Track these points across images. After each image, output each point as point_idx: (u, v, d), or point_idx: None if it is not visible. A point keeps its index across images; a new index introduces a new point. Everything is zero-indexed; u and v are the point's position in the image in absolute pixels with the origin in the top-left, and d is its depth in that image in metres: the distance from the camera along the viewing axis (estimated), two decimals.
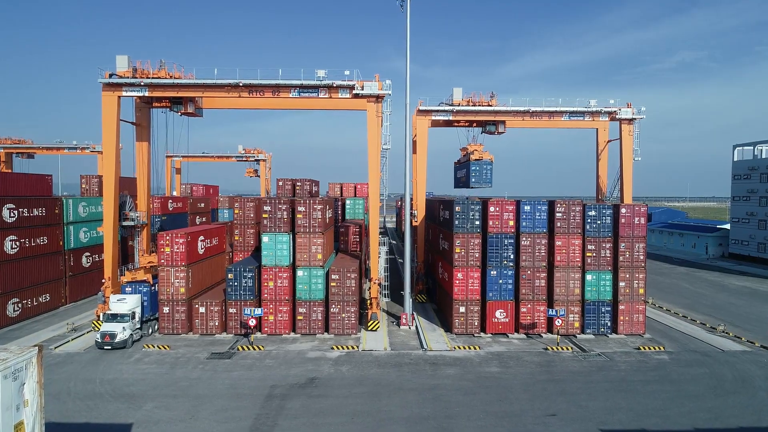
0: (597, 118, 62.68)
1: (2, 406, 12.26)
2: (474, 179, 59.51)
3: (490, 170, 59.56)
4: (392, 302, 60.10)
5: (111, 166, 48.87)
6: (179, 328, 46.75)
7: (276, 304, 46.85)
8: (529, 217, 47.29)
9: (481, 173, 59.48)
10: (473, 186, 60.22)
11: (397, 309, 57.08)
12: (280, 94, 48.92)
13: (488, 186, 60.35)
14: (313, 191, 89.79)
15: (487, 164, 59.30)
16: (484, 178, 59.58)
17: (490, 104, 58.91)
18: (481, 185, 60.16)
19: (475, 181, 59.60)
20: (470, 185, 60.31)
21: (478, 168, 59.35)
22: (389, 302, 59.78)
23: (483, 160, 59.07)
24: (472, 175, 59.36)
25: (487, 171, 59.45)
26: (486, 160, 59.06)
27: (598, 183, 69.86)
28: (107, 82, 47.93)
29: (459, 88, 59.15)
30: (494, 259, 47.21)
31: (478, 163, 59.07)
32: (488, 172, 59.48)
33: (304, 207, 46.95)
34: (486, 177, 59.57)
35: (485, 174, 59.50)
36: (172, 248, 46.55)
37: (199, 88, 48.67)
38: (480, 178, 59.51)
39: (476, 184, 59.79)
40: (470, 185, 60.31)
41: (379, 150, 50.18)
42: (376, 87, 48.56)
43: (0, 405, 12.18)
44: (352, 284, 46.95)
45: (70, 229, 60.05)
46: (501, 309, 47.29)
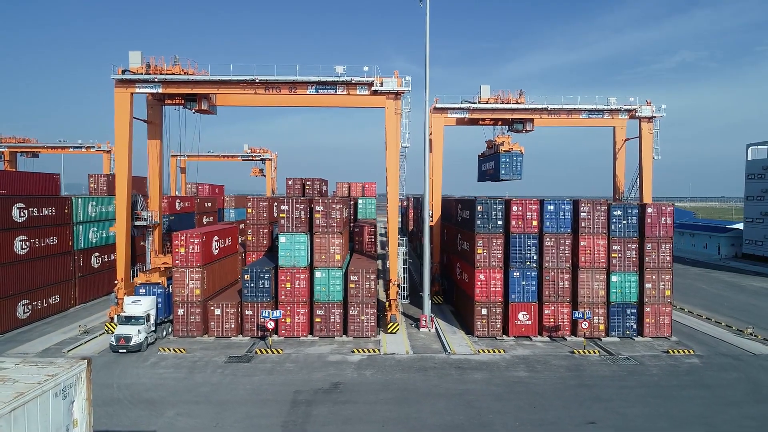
0: (616, 116, 61.50)
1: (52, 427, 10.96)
2: (504, 171, 58.43)
3: (520, 162, 58.50)
4: (408, 304, 58.95)
5: (124, 164, 47.70)
6: (194, 330, 45.59)
7: (293, 306, 45.69)
8: (553, 217, 46.14)
9: (511, 165, 58.40)
10: (503, 178, 59.22)
11: (413, 311, 55.94)
12: (296, 90, 47.75)
13: (518, 178, 59.31)
14: (322, 190, 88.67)
15: (518, 156, 58.22)
16: (515, 170, 58.49)
17: (519, 102, 57.74)
18: (511, 177, 59.06)
19: (505, 173, 58.52)
20: (500, 177, 59.25)
21: (508, 160, 58.26)
22: (405, 304, 58.63)
23: (513, 152, 57.96)
24: (502, 166, 58.28)
25: (518, 163, 58.38)
26: (516, 152, 57.99)
27: (615, 182, 68.66)
28: (120, 79, 46.78)
29: (486, 86, 57.96)
30: (517, 260, 46.06)
31: (508, 154, 57.97)
32: (518, 164, 58.41)
33: (322, 206, 45.80)
34: (516, 169, 58.48)
35: (515, 166, 58.43)
36: (187, 249, 45.38)
37: (214, 85, 47.50)
38: (510, 170, 58.44)
39: (506, 176, 58.72)
40: (500, 177, 59.25)
41: (398, 148, 49.03)
42: (395, 83, 47.40)
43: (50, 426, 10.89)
44: (372, 286, 45.79)
45: (80, 228, 58.89)
46: (524, 311, 46.13)
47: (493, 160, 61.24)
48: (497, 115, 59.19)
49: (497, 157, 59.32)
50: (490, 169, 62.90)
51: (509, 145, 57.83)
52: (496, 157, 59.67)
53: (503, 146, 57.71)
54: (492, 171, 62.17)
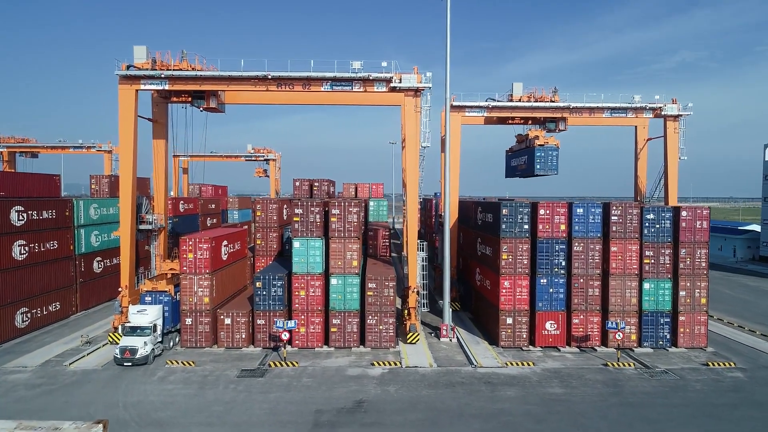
0: (640, 114, 59.10)
1: None
2: (539, 166, 56.03)
3: (556, 156, 56.10)
4: (425, 311, 56.42)
5: (128, 165, 45.18)
6: (203, 341, 43.08)
7: (308, 315, 43.19)
8: (582, 221, 43.66)
9: (546, 159, 56.00)
10: (538, 173, 56.89)
11: (429, 318, 53.42)
12: (311, 87, 45.21)
13: (554, 173, 56.94)
14: (330, 192, 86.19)
15: (553, 150, 55.82)
16: (550, 164, 56.10)
17: (553, 100, 55.32)
18: (546, 172, 56.66)
19: (540, 168, 56.12)
20: (534, 173, 56.86)
21: (543, 154, 55.83)
22: (422, 312, 56.10)
23: (548, 146, 55.53)
24: (537, 161, 55.89)
25: (553, 157, 55.98)
26: (551, 146, 55.56)
27: (636, 183, 66.27)
28: (124, 75, 44.23)
29: (519, 83, 55.59)
30: (544, 266, 43.58)
31: (543, 148, 55.55)
32: (554, 158, 56.01)
33: (338, 210, 43.30)
34: (552, 163, 56.08)
35: (551, 160, 56.03)
36: (195, 254, 42.87)
37: (224, 81, 44.97)
38: (546, 164, 56.05)
39: (541, 170, 56.33)
40: (534, 173, 56.86)
41: (417, 148, 46.56)
42: (414, 79, 44.88)
43: None
44: (390, 293, 43.29)
45: (81, 232, 56.36)
46: (551, 320, 43.64)
47: (526, 155, 58.87)
48: (525, 114, 56.70)
49: (531, 152, 57.04)
50: (522, 164, 60.48)
51: (544, 138, 55.42)
52: (530, 151, 57.39)
53: (538, 140, 55.33)
54: (524, 166, 59.78)
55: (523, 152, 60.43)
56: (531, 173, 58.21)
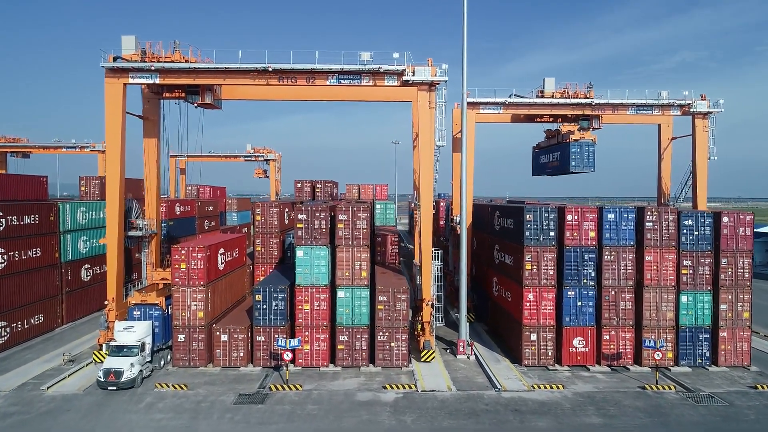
0: (667, 111, 55.10)
1: None
2: (575, 162, 52.28)
3: (592, 152, 52.37)
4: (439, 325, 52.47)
5: (115, 165, 41.26)
6: (197, 359, 39.18)
7: (312, 331, 39.31)
8: (614, 227, 39.79)
9: (582, 156, 52.23)
10: (573, 170, 53.13)
11: (443, 331, 49.37)
12: (315, 81, 41.27)
13: (590, 170, 53.23)
14: (334, 194, 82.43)
15: (589, 145, 52.05)
16: (586, 161, 52.36)
17: (588, 96, 51.38)
18: (582, 169, 52.95)
19: (575, 165, 52.39)
20: (570, 170, 53.13)
21: (579, 150, 52.04)
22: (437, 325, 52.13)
23: (584, 141, 51.78)
24: (572, 157, 52.14)
25: (590, 153, 52.25)
26: (587, 141, 51.79)
27: (660, 185, 62.24)
28: (111, 67, 40.29)
29: (551, 78, 51.59)
30: (572, 278, 39.70)
31: (578, 144, 51.77)
32: (590, 154, 52.29)
33: (346, 215, 39.40)
34: (588, 160, 52.34)
35: (587, 156, 52.29)
36: (189, 264, 38.97)
37: (220, 74, 41.04)
38: (581, 161, 52.29)
39: (577, 167, 52.60)
40: (570, 170, 53.13)
41: (431, 147, 42.62)
42: (428, 72, 40.94)
43: None
44: (403, 307, 39.40)
45: (68, 238, 52.43)
46: (580, 336, 39.77)
47: (559, 151, 55.05)
48: (554, 111, 52.68)
49: (565, 148, 53.27)
50: (554, 161, 56.59)
51: (579, 133, 51.59)
52: (563, 147, 53.64)
53: (573, 135, 51.54)
54: (556, 163, 55.93)
55: (554, 148, 56.64)
56: (564, 170, 54.47)
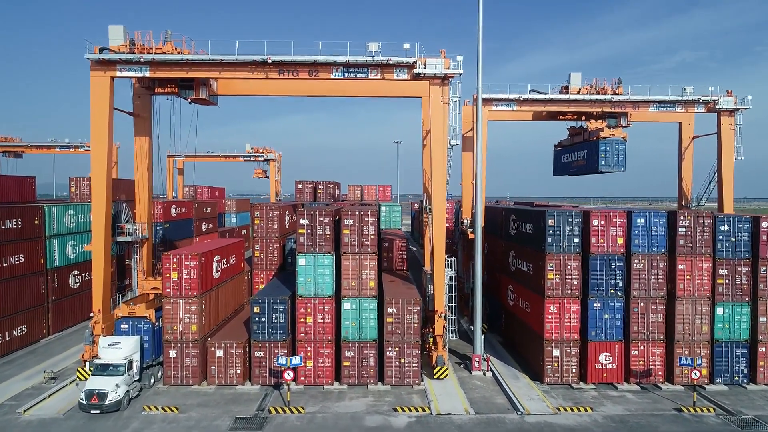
0: (691, 108, 51.78)
1: None
2: (604, 161, 49.12)
3: (623, 150, 49.19)
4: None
5: (101, 165, 38.01)
6: (190, 377, 35.98)
7: (315, 346, 36.12)
8: (643, 233, 36.61)
9: (612, 154, 49.04)
10: (602, 170, 49.91)
11: (454, 343, 46.11)
12: (318, 74, 38.04)
13: (621, 170, 50.02)
14: (336, 195, 79.09)
15: (620, 143, 48.87)
16: (616, 160, 49.19)
17: (616, 92, 48.12)
18: (612, 169, 49.76)
19: (605, 164, 49.17)
20: (598, 169, 49.91)
21: (608, 148, 48.84)
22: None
23: (614, 138, 48.59)
24: (601, 156, 48.96)
25: (620, 151, 49.08)
26: (618, 138, 48.59)
27: (680, 186, 58.99)
28: (97, 59, 37.11)
29: (578, 74, 48.34)
30: (598, 288, 36.53)
31: (608, 141, 48.57)
32: (621, 152, 49.12)
33: (353, 220, 36.22)
34: (619, 159, 49.18)
35: (617, 155, 49.12)
36: (181, 273, 35.78)
37: (216, 67, 37.80)
38: (611, 160, 49.12)
39: (606, 167, 49.40)
40: (598, 169, 49.91)
41: (445, 146, 39.44)
42: (441, 65, 37.73)
43: None
44: (415, 320, 36.24)
45: (54, 243, 49.20)
46: (606, 352, 36.59)
47: (585, 149, 51.85)
48: (578, 108, 49.43)
49: (593, 146, 50.16)
50: (580, 160, 53.36)
51: (609, 131, 48.40)
52: (591, 145, 50.51)
53: (602, 132, 48.36)
54: (583, 162, 52.71)
55: (580, 147, 53.47)
56: (592, 170, 51.43)
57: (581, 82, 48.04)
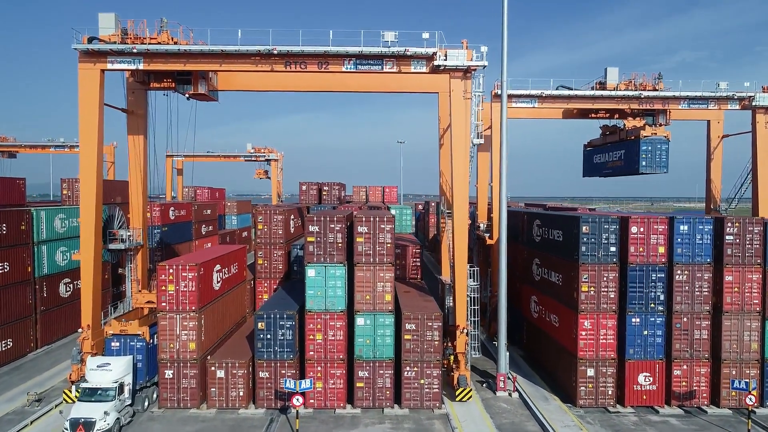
0: (724, 105, 48.47)
1: None
2: (645, 162, 45.88)
3: (665, 151, 46.03)
4: None
5: (90, 166, 34.72)
6: (188, 399, 32.64)
7: (326, 366, 32.81)
8: (687, 241, 33.28)
9: (654, 154, 45.82)
10: (643, 171, 46.75)
11: (473, 358, 42.75)
12: (329, 66, 34.73)
13: (663, 171, 46.86)
14: (342, 196, 76.05)
15: (663, 143, 45.71)
16: (658, 160, 45.99)
17: (656, 88, 44.88)
18: (654, 170, 46.58)
19: (646, 165, 45.98)
20: (639, 170, 46.74)
21: (650, 148, 45.60)
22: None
23: (656, 138, 45.38)
24: (642, 156, 45.74)
25: (663, 152, 45.91)
26: (660, 138, 45.40)
27: (708, 188, 55.60)
28: (85, 49, 33.84)
29: (615, 68, 45.12)
30: (637, 301, 33.20)
31: (649, 141, 45.33)
32: (664, 153, 45.97)
33: (367, 227, 32.87)
34: (661, 160, 45.99)
35: (659, 155, 45.92)
36: (178, 285, 32.43)
37: (216, 58, 34.50)
38: (653, 160, 45.90)
39: (648, 168, 46.22)
40: (639, 170, 46.74)
41: (467, 144, 36.11)
42: (464, 56, 34.39)
43: None
44: (435, 337, 32.93)
45: (43, 249, 45.84)
46: (646, 372, 33.27)
47: (623, 149, 48.65)
48: (596, 105, 46.16)
49: (632, 145, 47.04)
50: (616, 161, 50.10)
51: (651, 129, 45.15)
52: (630, 145, 47.42)
53: (644, 131, 45.15)
54: (620, 163, 49.49)
55: (616, 146, 50.30)
56: (630, 171, 48.39)
57: (618, 78, 44.71)
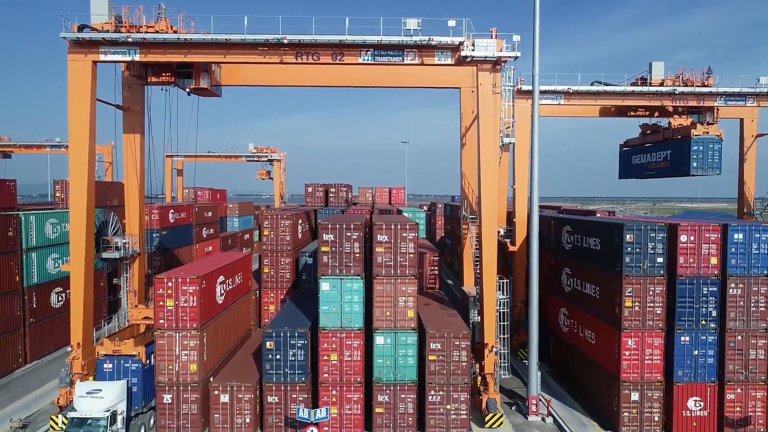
0: (763, 102, 45.39)
1: None
2: (696, 163, 42.64)
3: (718, 151, 42.89)
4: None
5: (81, 167, 31.48)
6: (188, 426, 29.37)
7: (341, 390, 29.55)
8: (742, 251, 30.00)
9: (706, 155, 42.61)
10: (694, 173, 43.57)
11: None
12: (344, 58, 31.45)
13: (716, 173, 43.71)
14: (349, 199, 72.77)
15: (716, 143, 42.56)
16: (711, 161, 42.78)
17: (706, 84, 41.70)
18: (706, 171, 43.40)
19: (697, 166, 42.75)
20: (689, 171, 43.56)
21: (701, 147, 42.37)
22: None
23: (708, 137, 42.22)
24: (693, 157, 42.49)
25: (715, 152, 42.75)
26: (712, 137, 42.25)
27: (741, 190, 52.20)
28: (76, 39, 30.60)
29: (660, 63, 41.99)
30: (686, 318, 29.96)
31: (702, 140, 42.11)
32: (717, 153, 42.81)
33: (387, 236, 29.59)
34: (714, 161, 42.79)
35: (712, 156, 42.74)
36: (177, 301, 29.18)
37: (220, 49, 31.24)
38: (705, 161, 42.64)
39: (699, 169, 43.00)
40: (689, 171, 43.56)
41: (496, 144, 32.88)
42: (493, 47, 31.16)
43: None
44: (463, 357, 29.66)
45: (32, 256, 42.59)
46: (696, 396, 30.02)
47: (669, 149, 45.44)
48: (626, 102, 42.87)
49: (680, 145, 43.97)
50: (661, 162, 46.86)
51: (703, 128, 41.96)
52: (678, 145, 44.37)
53: (695, 130, 41.96)
54: (665, 164, 46.29)
55: (661, 146, 47.07)
56: (679, 172, 45.34)
57: (664, 73, 41.51)
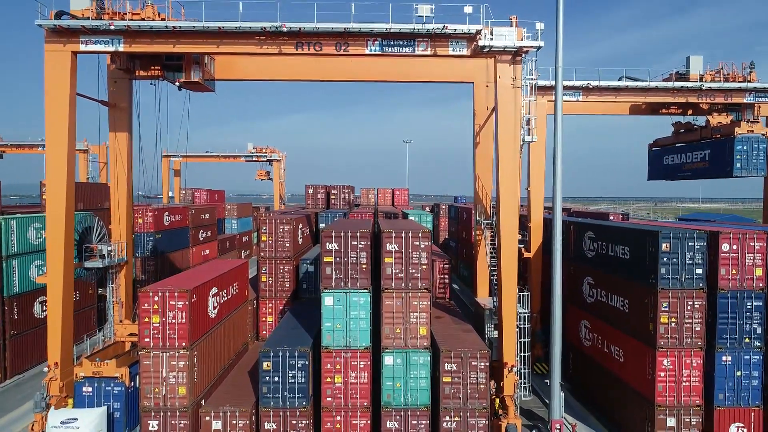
0: None
1: None
2: (740, 164, 39.84)
3: (764, 151, 39.96)
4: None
5: (59, 167, 28.55)
6: None
7: (346, 415, 26.66)
8: None
9: (751, 155, 39.77)
10: (737, 174, 40.66)
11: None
12: (348, 48, 28.56)
13: (761, 174, 40.95)
14: (351, 201, 70.00)
15: (761, 142, 39.73)
16: (755, 162, 39.95)
17: (748, 80, 38.91)
18: (750, 173, 40.61)
19: (741, 167, 39.96)
20: (732, 173, 40.67)
21: (746, 147, 39.55)
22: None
23: (753, 136, 39.41)
24: (737, 157, 39.67)
25: (761, 152, 39.91)
26: (758, 136, 39.43)
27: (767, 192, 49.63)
28: (53, 27, 27.71)
29: (699, 57, 39.21)
30: (728, 335, 27.14)
31: (746, 140, 39.29)
32: (762, 153, 39.96)
33: (397, 244, 26.69)
34: (758, 161, 39.93)
35: (757, 156, 39.93)
36: (165, 317, 26.28)
37: (213, 38, 28.36)
38: (750, 162, 39.80)
39: (743, 170, 40.17)
40: (732, 173, 40.67)
41: (516, 142, 29.97)
42: (514, 35, 28.29)
43: None
44: (481, 379, 26.79)
45: (12, 264, 39.68)
46: (739, 422, 27.19)
47: (708, 149, 42.68)
48: (649, 98, 40.05)
49: (721, 145, 41.26)
50: (698, 162, 44.06)
51: (747, 126, 39.16)
52: (718, 144, 41.72)
53: (739, 128, 39.14)
54: (704, 164, 43.54)
55: (697, 146, 44.28)
56: (720, 173, 42.66)
57: (703, 68, 38.69)
